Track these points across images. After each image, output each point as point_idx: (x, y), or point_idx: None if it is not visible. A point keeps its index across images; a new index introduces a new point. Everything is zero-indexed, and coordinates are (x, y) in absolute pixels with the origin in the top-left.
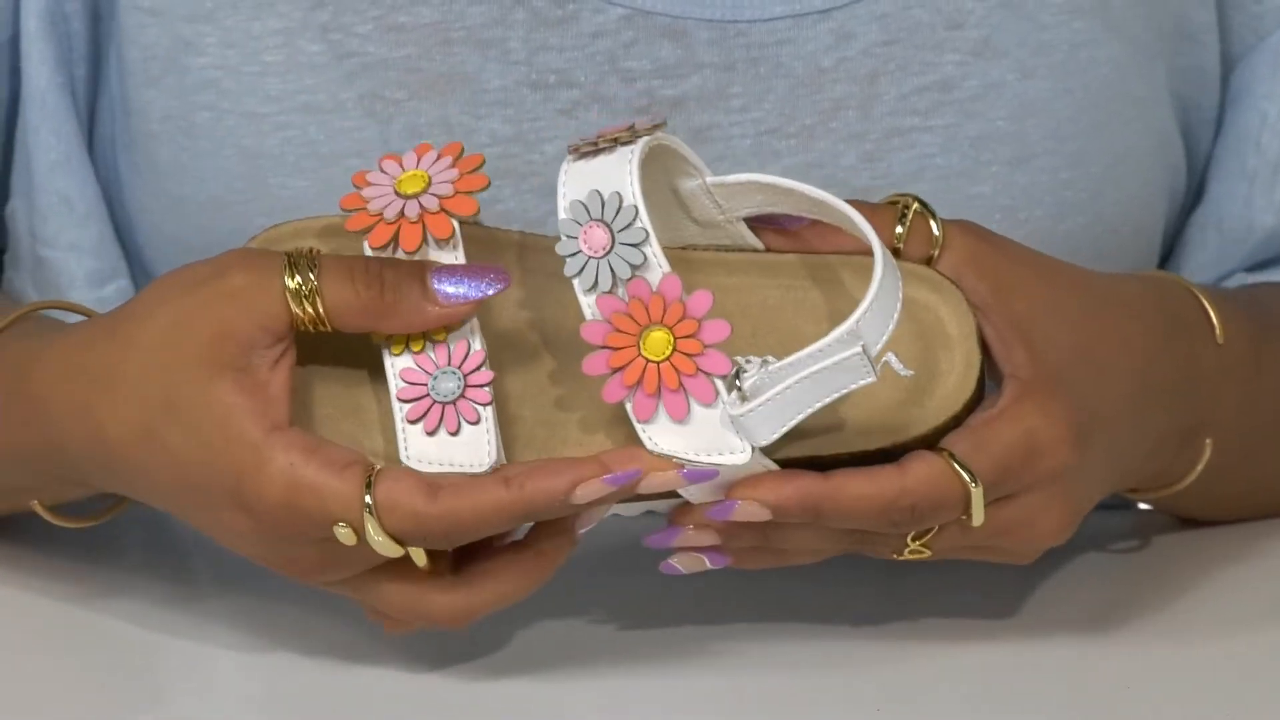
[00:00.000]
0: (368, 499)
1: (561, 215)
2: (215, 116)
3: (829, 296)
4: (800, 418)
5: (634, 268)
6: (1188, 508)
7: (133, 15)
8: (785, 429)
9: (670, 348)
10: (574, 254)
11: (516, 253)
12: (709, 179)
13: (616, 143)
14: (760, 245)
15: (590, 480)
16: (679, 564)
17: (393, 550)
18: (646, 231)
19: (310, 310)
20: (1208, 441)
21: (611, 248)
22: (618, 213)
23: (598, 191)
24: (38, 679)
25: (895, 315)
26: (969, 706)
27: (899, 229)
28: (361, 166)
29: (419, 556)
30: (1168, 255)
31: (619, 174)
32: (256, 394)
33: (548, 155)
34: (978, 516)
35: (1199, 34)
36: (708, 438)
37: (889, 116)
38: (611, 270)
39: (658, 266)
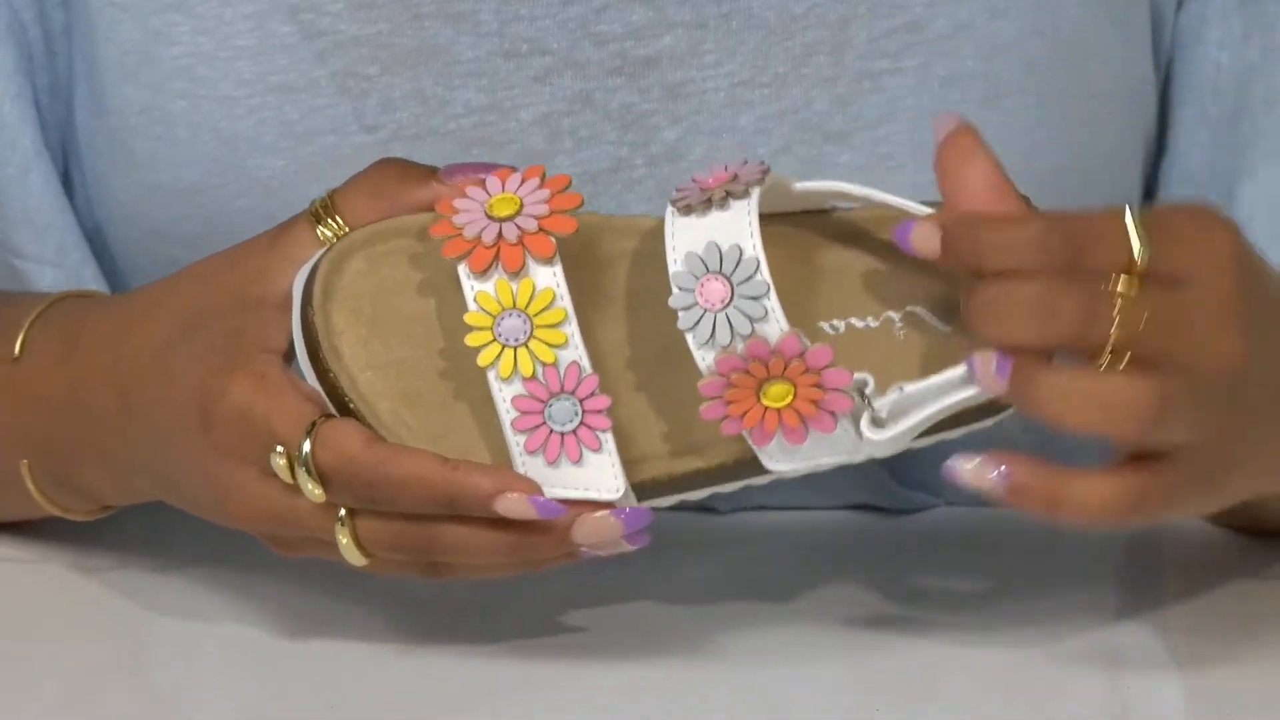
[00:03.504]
0: (311, 429)
1: (675, 268)
2: (191, 104)
3: (881, 252)
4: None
5: (753, 321)
6: None
7: (106, 12)
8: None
9: (792, 395)
10: (689, 307)
11: (592, 233)
12: (796, 185)
13: (730, 196)
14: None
15: (517, 496)
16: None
17: (314, 491)
18: (768, 285)
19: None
20: None
21: (730, 300)
22: (737, 265)
23: (715, 244)
24: (29, 658)
25: None
26: (968, 703)
27: None
28: (337, 143)
29: (343, 535)
30: None
31: (737, 228)
32: (273, 324)
33: (523, 122)
34: (1135, 238)
35: None
36: (825, 453)
37: (860, 60)
38: (730, 324)
39: (776, 321)
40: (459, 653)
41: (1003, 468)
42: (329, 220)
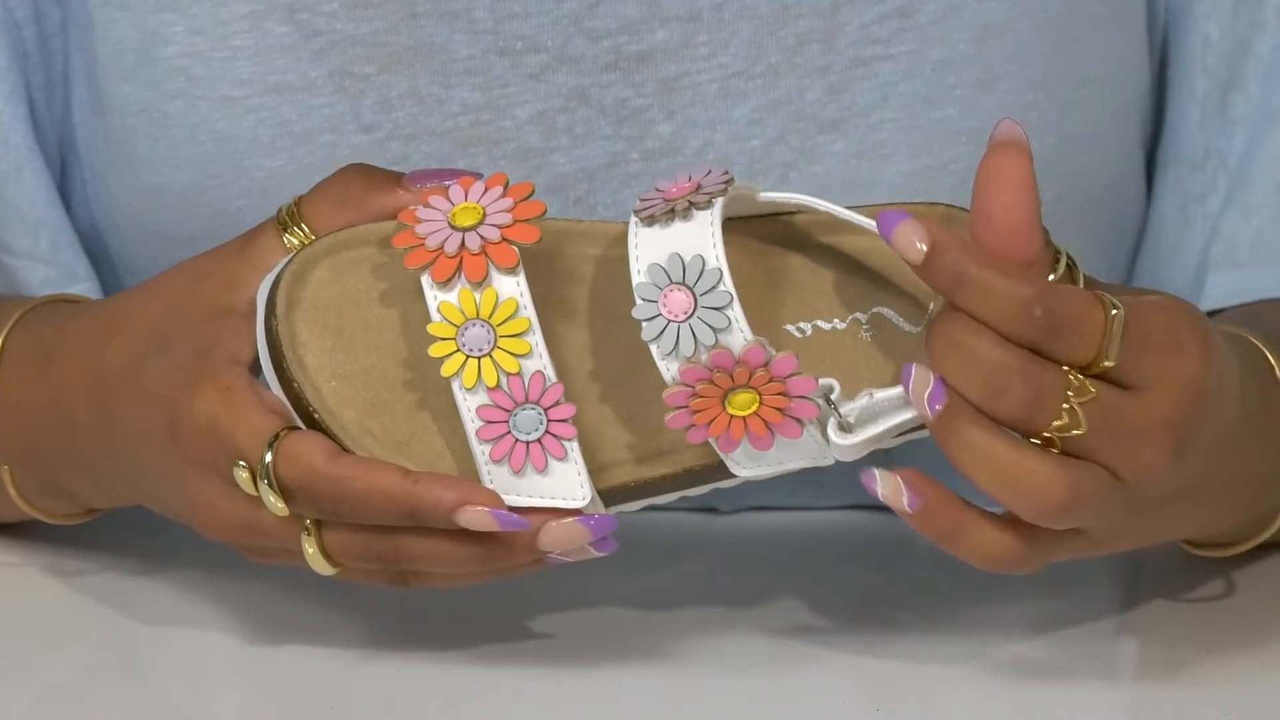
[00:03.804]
0: (273, 442)
1: (638, 279)
2: (187, 104)
3: (846, 254)
4: (887, 438)
5: (717, 331)
6: None
7: (103, 11)
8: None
9: (757, 404)
10: (652, 318)
11: (556, 240)
12: (760, 195)
13: (693, 206)
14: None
15: (479, 508)
16: None
17: (276, 504)
18: (731, 295)
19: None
20: None
21: (694, 311)
22: (700, 276)
23: (678, 255)
24: (10, 659)
25: None
26: (968, 704)
27: (1051, 277)
28: (335, 143)
29: (309, 545)
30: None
31: (700, 238)
32: (241, 335)
33: (519, 120)
34: (1109, 343)
35: None
36: (792, 458)
37: (852, 47)
38: (694, 335)
39: (740, 331)
40: (457, 652)
41: (911, 493)
42: (295, 228)
